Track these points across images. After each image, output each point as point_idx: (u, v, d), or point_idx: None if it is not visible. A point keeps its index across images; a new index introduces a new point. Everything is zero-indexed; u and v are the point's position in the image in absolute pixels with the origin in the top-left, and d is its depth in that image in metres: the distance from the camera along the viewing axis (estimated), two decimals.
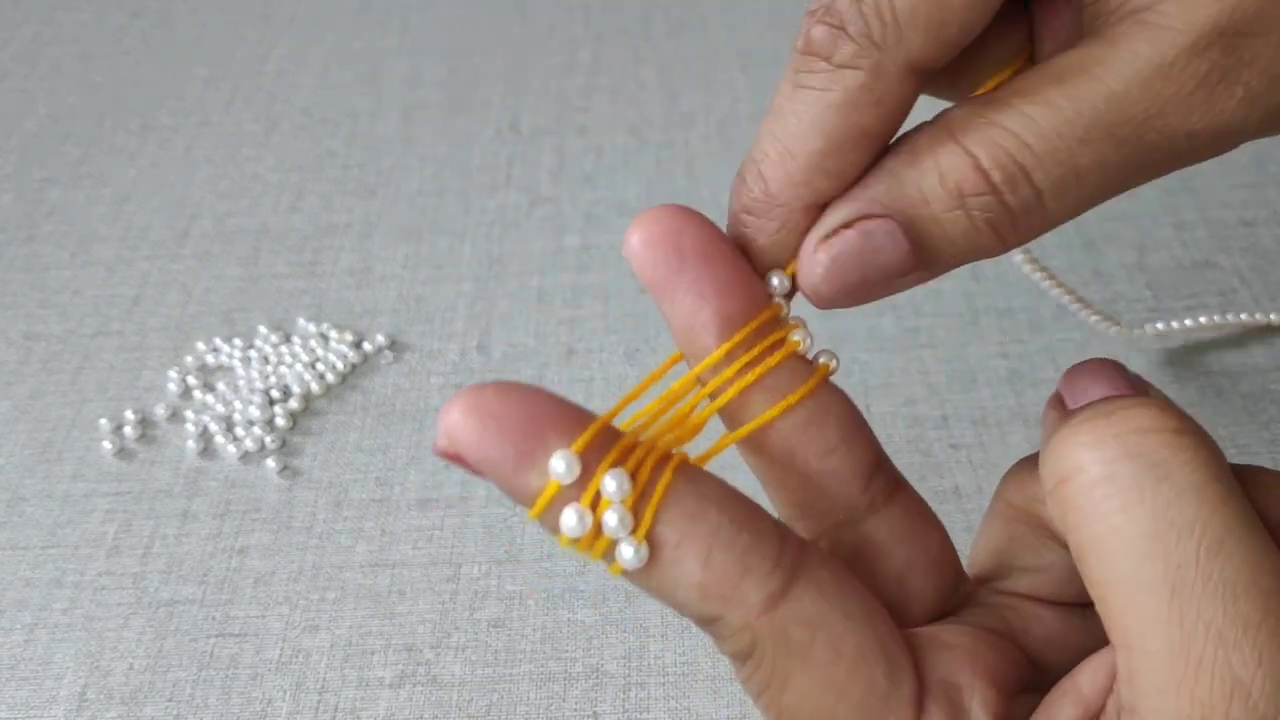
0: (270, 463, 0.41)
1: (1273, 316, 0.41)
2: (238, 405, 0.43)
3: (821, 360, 0.21)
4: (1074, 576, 0.20)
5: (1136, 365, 0.41)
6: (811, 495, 0.21)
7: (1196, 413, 0.22)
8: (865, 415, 0.22)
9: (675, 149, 0.54)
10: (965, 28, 0.20)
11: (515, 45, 0.63)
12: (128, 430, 0.42)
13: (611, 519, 0.18)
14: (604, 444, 0.19)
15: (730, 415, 0.21)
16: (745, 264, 0.21)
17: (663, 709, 0.33)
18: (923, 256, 0.20)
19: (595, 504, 0.18)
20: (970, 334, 0.43)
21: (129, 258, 0.51)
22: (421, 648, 0.35)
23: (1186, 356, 0.42)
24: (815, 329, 0.22)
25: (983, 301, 0.45)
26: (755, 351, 0.21)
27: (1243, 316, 0.42)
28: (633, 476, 0.19)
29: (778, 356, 0.21)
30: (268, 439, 0.41)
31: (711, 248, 0.20)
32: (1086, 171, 0.19)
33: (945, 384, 0.41)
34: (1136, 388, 0.20)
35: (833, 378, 0.22)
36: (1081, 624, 0.22)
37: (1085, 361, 0.21)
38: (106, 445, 0.42)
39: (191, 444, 0.42)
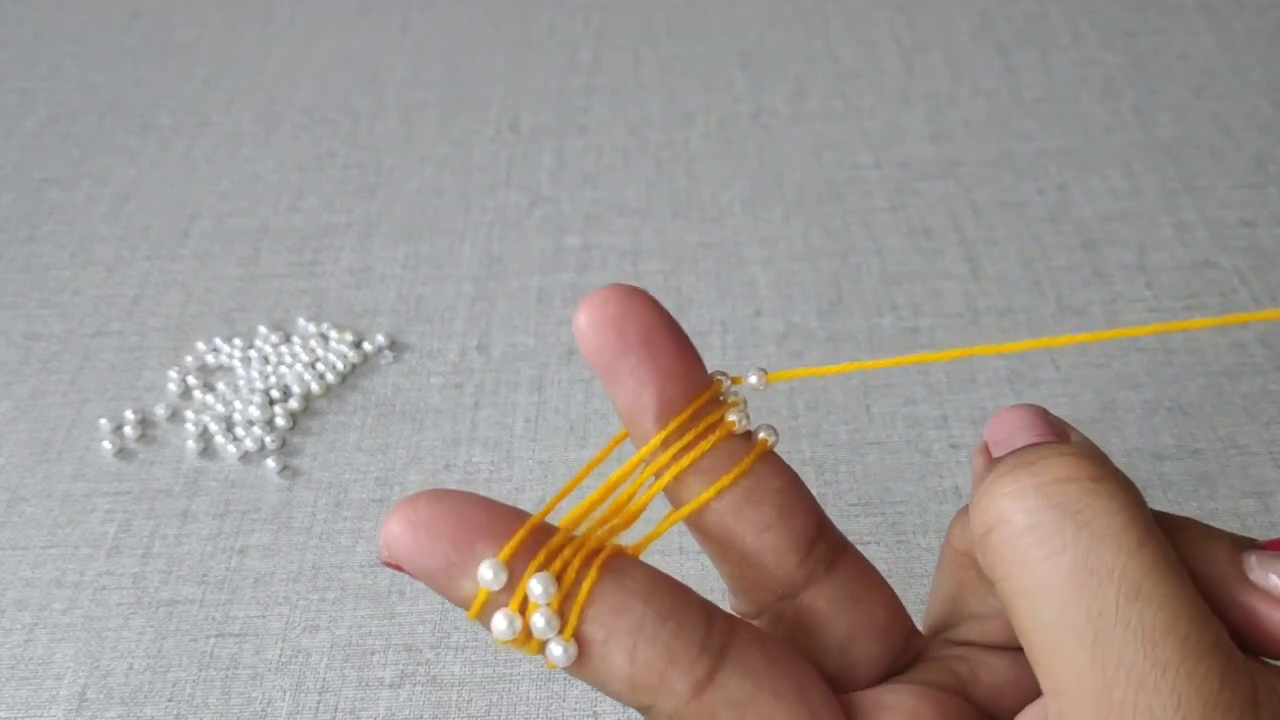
0: (270, 463, 0.41)
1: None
2: (238, 405, 0.43)
3: (761, 436, 0.22)
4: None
5: (1136, 365, 0.41)
6: (750, 571, 0.22)
7: (1196, 412, 0.22)
8: (865, 415, 0.22)
9: (675, 149, 0.54)
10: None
11: (515, 45, 0.63)
12: (128, 430, 0.42)
13: (539, 621, 0.19)
14: (533, 545, 0.19)
15: (673, 496, 0.22)
16: (689, 347, 0.21)
17: None
18: None
19: (524, 607, 0.19)
20: (970, 334, 0.43)
21: (129, 258, 0.51)
22: (421, 648, 0.35)
23: (1187, 357, 0.42)
24: (816, 329, 0.22)
25: (983, 301, 0.45)
26: (690, 436, 0.21)
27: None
28: (559, 577, 0.19)
29: (711, 440, 0.21)
30: (268, 439, 0.41)
31: (656, 332, 0.21)
32: None
33: (945, 384, 0.41)
34: (1058, 433, 0.20)
35: (779, 446, 0.22)
36: (1025, 673, 0.22)
37: (1009, 409, 0.21)
38: (106, 445, 0.42)
39: (191, 444, 0.42)
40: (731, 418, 0.21)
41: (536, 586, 0.19)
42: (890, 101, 0.56)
